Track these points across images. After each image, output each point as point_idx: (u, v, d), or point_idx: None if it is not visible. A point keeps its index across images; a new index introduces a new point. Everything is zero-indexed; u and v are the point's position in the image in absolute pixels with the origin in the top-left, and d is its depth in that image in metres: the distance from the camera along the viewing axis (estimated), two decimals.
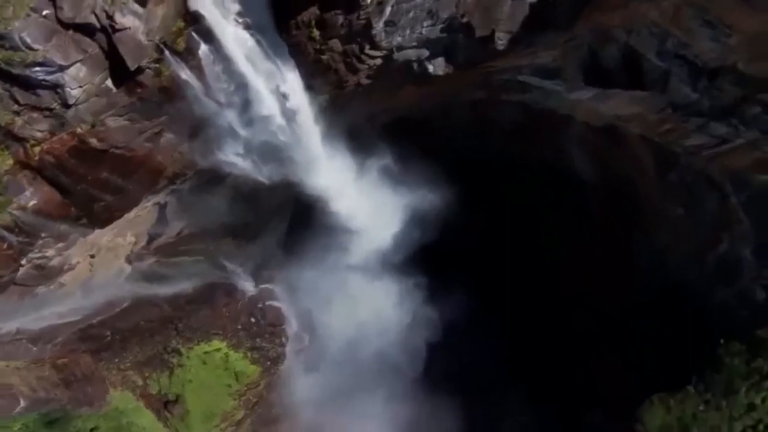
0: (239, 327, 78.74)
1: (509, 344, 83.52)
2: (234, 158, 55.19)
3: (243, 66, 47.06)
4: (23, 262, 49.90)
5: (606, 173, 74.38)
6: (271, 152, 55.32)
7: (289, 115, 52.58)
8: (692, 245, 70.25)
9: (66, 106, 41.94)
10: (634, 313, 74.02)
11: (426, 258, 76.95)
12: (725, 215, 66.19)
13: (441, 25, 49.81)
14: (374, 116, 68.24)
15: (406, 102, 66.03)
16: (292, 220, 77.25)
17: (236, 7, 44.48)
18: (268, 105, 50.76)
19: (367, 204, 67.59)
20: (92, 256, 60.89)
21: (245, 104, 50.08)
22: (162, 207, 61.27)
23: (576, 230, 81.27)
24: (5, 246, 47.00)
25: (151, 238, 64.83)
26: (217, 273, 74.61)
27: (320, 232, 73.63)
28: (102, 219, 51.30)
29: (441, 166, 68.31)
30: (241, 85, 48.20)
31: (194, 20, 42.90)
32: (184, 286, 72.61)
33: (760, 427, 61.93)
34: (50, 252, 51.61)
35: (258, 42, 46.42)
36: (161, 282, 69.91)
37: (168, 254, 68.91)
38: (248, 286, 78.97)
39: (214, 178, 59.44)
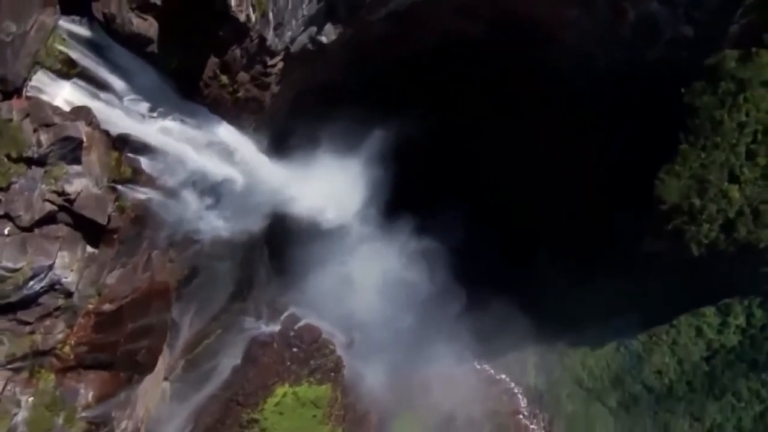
0: (288, 363, 78.45)
1: (515, 222, 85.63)
2: (210, 230, 53.95)
3: (180, 150, 45.68)
4: None
5: (494, 23, 75.16)
6: (240, 203, 54.19)
7: (238, 163, 51.26)
8: (602, 31, 72.10)
9: (69, 295, 40.23)
10: (595, 118, 76.09)
11: (404, 197, 76.72)
12: None
13: None
14: (279, 113, 67.10)
15: (298, 83, 65.04)
16: (269, 245, 75.97)
17: (145, 105, 42.52)
18: (216, 168, 49.66)
19: (329, 192, 67.03)
20: None
21: (199, 180, 48.69)
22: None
23: (501, 83, 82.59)
24: None
25: (173, 347, 63.41)
26: (240, 335, 73.70)
27: (300, 240, 72.96)
28: (149, 364, 49.98)
29: (364, 110, 67.62)
30: (188, 166, 46.71)
31: (123, 142, 41.19)
32: (223, 365, 71.35)
33: (759, 136, 65.45)
34: (124, 423, 50.10)
35: (181, 121, 44.74)
36: (203, 379, 68.85)
37: (192, 348, 68.13)
38: (271, 325, 77.99)
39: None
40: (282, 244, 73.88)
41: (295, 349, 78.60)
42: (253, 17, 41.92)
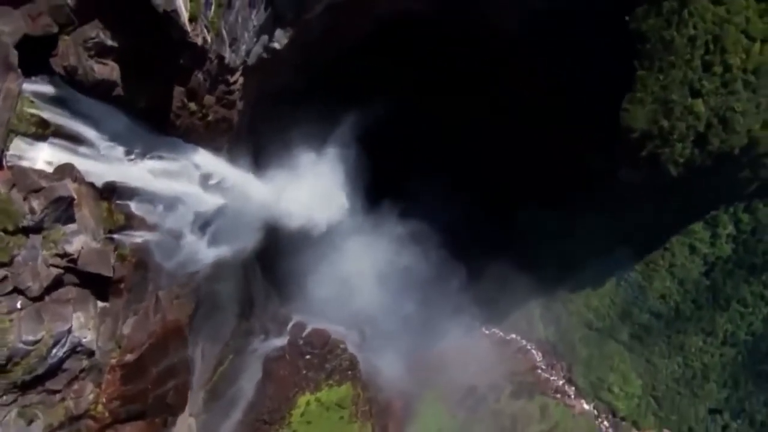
0: (304, 371, 78.21)
1: (496, 187, 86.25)
2: (210, 258, 53.58)
3: (166, 187, 45.21)
4: None
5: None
6: (234, 225, 53.93)
7: (225, 187, 50.92)
8: None
9: (91, 354, 39.77)
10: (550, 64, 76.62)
11: (385, 185, 76.55)
12: None
13: (262, 5, 48.52)
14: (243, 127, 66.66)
15: (255, 93, 64.58)
16: (260, 261, 75.51)
17: (121, 149, 41.85)
18: (206, 197, 49.37)
19: (314, 193, 66.84)
20: None
21: (191, 212, 48.31)
22: None
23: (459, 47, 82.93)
24: None
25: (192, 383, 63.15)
26: (252, 355, 73.49)
27: (291, 248, 72.69)
28: (180, 403, 50.13)
29: (326, 106, 67.23)
30: (178, 201, 46.27)
31: (110, 191, 40.56)
32: (243, 388, 71.16)
33: (711, 46, 66.21)
34: None
35: (159, 157, 44.18)
36: (226, 406, 68.65)
37: (208, 379, 67.69)
38: (280, 338, 77.73)
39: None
40: (273, 256, 73.39)
41: (308, 356, 78.40)
42: (209, 39, 41.44)
